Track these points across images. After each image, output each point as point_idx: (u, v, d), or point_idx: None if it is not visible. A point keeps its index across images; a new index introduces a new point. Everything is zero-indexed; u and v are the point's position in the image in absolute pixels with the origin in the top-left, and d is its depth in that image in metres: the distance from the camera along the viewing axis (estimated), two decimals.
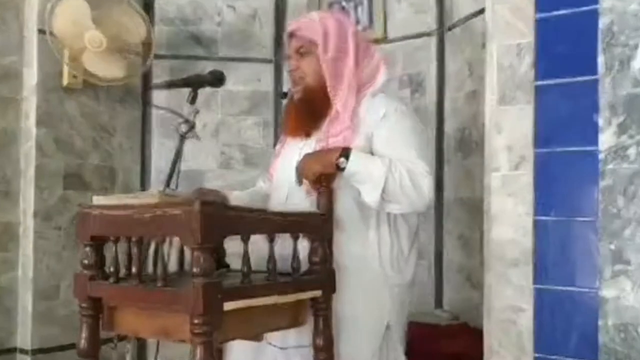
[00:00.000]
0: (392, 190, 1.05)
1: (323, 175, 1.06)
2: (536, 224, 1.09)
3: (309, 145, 1.15)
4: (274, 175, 1.24)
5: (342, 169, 1.06)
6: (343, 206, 1.11)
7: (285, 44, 1.24)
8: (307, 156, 1.10)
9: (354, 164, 1.06)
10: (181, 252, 1.11)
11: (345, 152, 1.06)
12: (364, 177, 1.06)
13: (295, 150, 1.18)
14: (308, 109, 1.16)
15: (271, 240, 0.97)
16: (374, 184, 1.05)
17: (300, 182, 1.09)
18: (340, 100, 1.13)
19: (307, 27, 1.15)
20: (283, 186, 1.16)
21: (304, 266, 1.03)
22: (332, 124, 1.13)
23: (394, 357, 1.15)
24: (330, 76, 1.13)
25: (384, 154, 1.10)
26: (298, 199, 1.11)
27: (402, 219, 1.16)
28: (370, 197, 1.06)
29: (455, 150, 1.83)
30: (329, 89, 1.13)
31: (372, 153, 1.12)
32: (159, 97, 1.88)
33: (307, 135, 1.18)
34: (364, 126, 1.12)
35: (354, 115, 1.12)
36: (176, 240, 0.91)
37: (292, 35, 1.19)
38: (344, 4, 2.06)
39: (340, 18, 1.20)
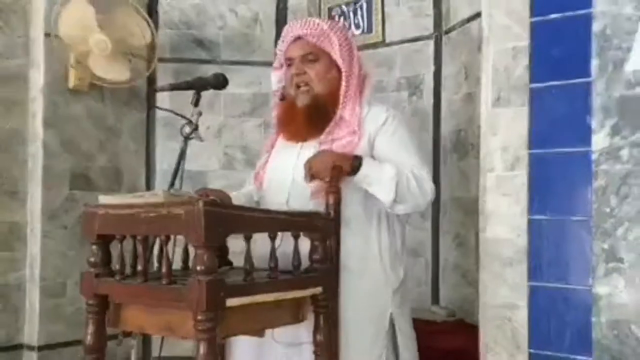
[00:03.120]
0: (402, 192, 1.11)
1: (335, 168, 1.07)
2: (531, 224, 1.11)
3: (308, 148, 1.17)
4: (268, 178, 1.24)
5: (355, 171, 1.09)
6: (349, 207, 1.14)
7: (285, 45, 1.22)
8: (320, 152, 1.12)
9: (366, 167, 1.10)
10: (185, 250, 1.14)
11: (358, 160, 1.10)
12: (375, 180, 1.10)
13: (292, 153, 1.20)
14: (316, 115, 1.17)
15: (273, 239, 0.99)
16: (387, 186, 1.10)
17: (309, 178, 1.09)
18: (348, 107, 1.17)
19: (317, 34, 1.17)
20: (282, 188, 1.17)
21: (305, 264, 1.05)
22: (336, 129, 1.17)
23: (398, 351, 1.16)
24: (346, 86, 1.17)
25: (386, 159, 1.15)
26: (300, 200, 1.13)
27: (397, 220, 1.20)
28: (384, 196, 1.11)
29: (451, 151, 1.86)
30: (341, 97, 1.17)
31: (372, 156, 1.17)
32: (163, 99, 1.91)
33: (304, 139, 1.20)
34: (366, 132, 1.17)
35: (359, 121, 1.17)
36: (180, 238, 0.94)
37: (298, 38, 1.19)
38: (343, 7, 2.09)
39: (344, 28, 1.27)
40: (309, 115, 1.18)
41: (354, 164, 1.09)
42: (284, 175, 1.19)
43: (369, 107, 1.20)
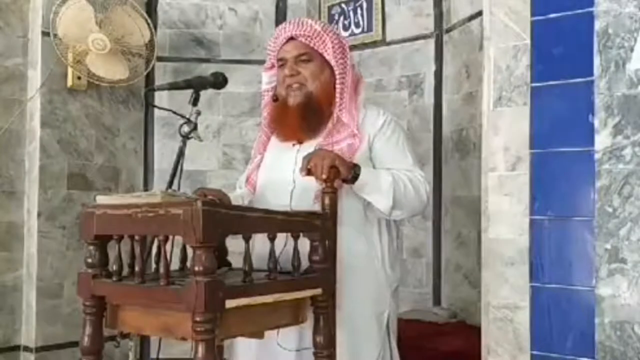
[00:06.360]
0: (399, 199, 1.12)
1: (333, 169, 1.06)
2: (533, 224, 1.10)
3: (305, 150, 1.15)
4: (263, 180, 1.23)
5: (353, 180, 1.09)
6: (352, 207, 1.14)
7: (277, 45, 1.20)
8: (322, 150, 1.11)
9: (364, 176, 1.10)
10: (184, 251, 1.13)
11: (356, 169, 1.10)
12: (373, 189, 1.11)
13: (289, 155, 1.19)
14: (310, 114, 1.17)
15: (272, 240, 0.98)
16: (384, 193, 1.11)
17: (305, 172, 1.08)
18: (345, 109, 1.17)
19: (310, 35, 1.17)
20: (282, 192, 1.16)
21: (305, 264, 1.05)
22: (335, 131, 1.17)
23: (391, 350, 1.18)
24: (340, 87, 1.17)
25: (384, 162, 1.16)
26: (303, 204, 1.12)
27: (393, 221, 1.22)
28: (383, 205, 1.12)
29: (453, 150, 1.85)
30: (337, 98, 1.17)
31: (370, 158, 1.17)
32: (161, 98, 1.90)
33: (299, 140, 1.19)
34: (365, 135, 1.17)
35: (357, 124, 1.17)
36: (179, 238, 0.93)
37: (291, 39, 1.19)
38: (343, 6, 2.08)
39: (337, 31, 1.26)
40: (303, 115, 1.17)
41: (353, 172, 1.09)
42: (283, 179, 1.18)
43: (365, 110, 1.21)
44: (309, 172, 1.08)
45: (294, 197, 1.15)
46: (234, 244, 1.05)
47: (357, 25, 2.04)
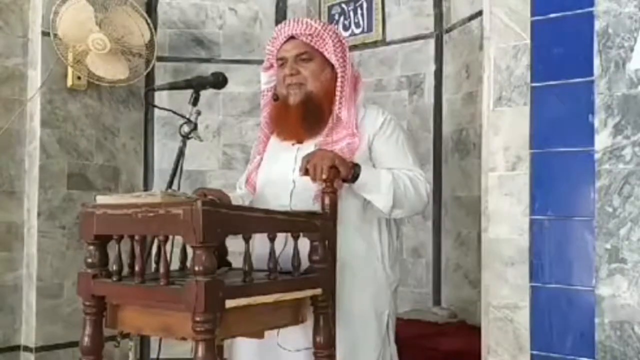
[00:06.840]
0: (399, 198, 1.12)
1: (333, 169, 1.06)
2: (533, 224, 1.10)
3: (306, 150, 1.15)
4: (262, 181, 1.23)
5: (353, 179, 1.10)
6: (350, 207, 1.14)
7: (277, 44, 1.20)
8: (322, 150, 1.11)
9: (365, 175, 1.11)
10: (183, 251, 1.13)
11: (356, 168, 1.10)
12: (373, 188, 1.11)
13: (289, 155, 1.19)
14: (310, 113, 1.17)
15: (272, 239, 0.98)
16: (384, 192, 1.11)
17: (303, 171, 1.08)
18: (344, 108, 1.17)
19: (311, 34, 1.17)
20: (282, 192, 1.16)
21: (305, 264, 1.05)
22: (335, 130, 1.17)
23: (390, 351, 1.18)
24: (341, 85, 1.17)
25: (384, 162, 1.16)
26: (303, 204, 1.12)
27: (394, 221, 1.22)
28: (383, 204, 1.12)
29: (453, 150, 1.85)
30: (337, 97, 1.17)
31: (370, 158, 1.17)
32: (161, 98, 1.90)
33: (300, 139, 1.19)
34: (365, 134, 1.18)
35: (356, 123, 1.17)
36: (179, 238, 0.93)
37: (291, 38, 1.19)
38: (343, 6, 2.08)
39: (337, 30, 1.25)
40: (304, 114, 1.17)
41: (353, 172, 1.09)
42: (282, 179, 1.18)
43: (364, 109, 1.21)
44: (306, 173, 1.08)
45: (294, 197, 1.15)
46: (234, 244, 1.05)
47: (357, 25, 2.04)
